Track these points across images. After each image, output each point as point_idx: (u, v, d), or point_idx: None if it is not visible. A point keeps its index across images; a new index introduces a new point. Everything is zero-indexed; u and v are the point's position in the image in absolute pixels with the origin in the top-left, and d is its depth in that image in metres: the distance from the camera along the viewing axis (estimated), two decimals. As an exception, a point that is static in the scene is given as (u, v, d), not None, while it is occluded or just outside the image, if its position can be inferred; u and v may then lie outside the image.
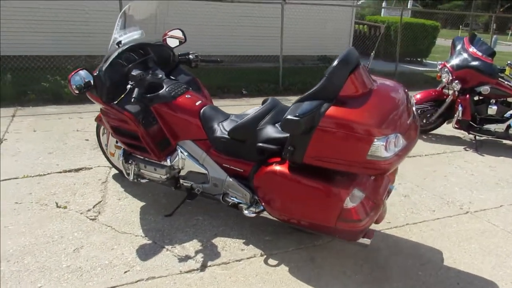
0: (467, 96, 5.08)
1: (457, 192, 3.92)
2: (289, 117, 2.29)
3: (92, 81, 2.85)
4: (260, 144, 2.63)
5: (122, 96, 2.81)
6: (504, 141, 5.39)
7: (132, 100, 2.73)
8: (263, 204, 2.69)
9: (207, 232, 3.04)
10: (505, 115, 5.06)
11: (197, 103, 3.05)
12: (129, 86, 2.85)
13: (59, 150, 4.42)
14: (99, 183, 3.70)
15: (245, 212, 2.75)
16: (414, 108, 2.63)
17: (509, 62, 5.21)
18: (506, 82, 5.02)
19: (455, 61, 5.16)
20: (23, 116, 5.59)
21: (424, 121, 5.51)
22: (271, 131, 2.68)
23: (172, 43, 3.48)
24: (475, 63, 5.01)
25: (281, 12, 7.58)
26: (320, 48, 9.61)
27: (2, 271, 2.51)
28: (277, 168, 2.54)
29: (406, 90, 2.59)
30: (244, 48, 8.76)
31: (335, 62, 2.34)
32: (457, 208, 3.61)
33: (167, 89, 3.04)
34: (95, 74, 2.89)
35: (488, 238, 3.16)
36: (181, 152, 3.06)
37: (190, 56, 3.35)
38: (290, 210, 2.59)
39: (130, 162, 3.17)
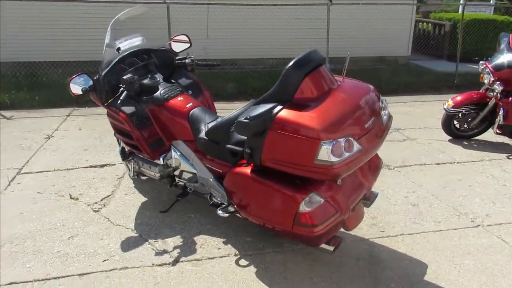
0: (510, 99, 4.63)
1: (476, 204, 3.62)
2: (240, 119, 2.33)
3: (91, 85, 3.11)
4: (229, 146, 2.70)
5: (113, 98, 3.04)
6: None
7: (119, 102, 2.95)
8: (234, 205, 2.75)
9: (193, 229, 3.17)
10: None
11: (188, 105, 3.19)
12: (121, 89, 3.07)
13: (94, 147, 4.84)
14: (115, 178, 4.00)
15: (218, 212, 2.82)
16: (385, 112, 2.52)
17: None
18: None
19: (497, 60, 4.74)
20: (76, 115, 6.17)
21: (465, 126, 5.13)
22: None
23: (178, 47, 3.66)
24: (518, 63, 4.56)
25: (327, 14, 7.48)
26: (376, 49, 9.27)
27: (3, 252, 2.86)
28: (241, 169, 2.59)
29: (376, 93, 2.49)
30: (287, 51, 8.76)
31: (289, 64, 2.33)
32: (468, 220, 3.34)
33: (161, 92, 3.22)
34: (95, 78, 3.16)
35: (489, 255, 2.90)
36: (174, 151, 3.22)
37: (187, 60, 3.49)
38: (254, 212, 2.62)
39: (129, 159, 3.41)
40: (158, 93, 3.22)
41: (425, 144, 5.05)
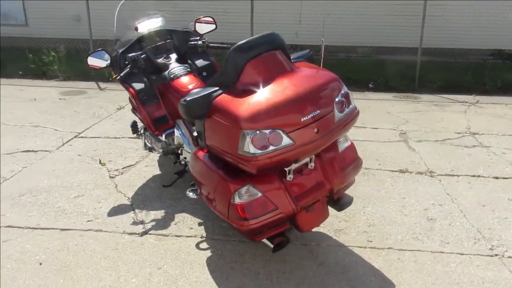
0: None
1: (511, 231, 3.00)
2: (180, 101, 2.31)
3: (109, 61, 3.37)
4: (193, 128, 2.70)
5: (120, 73, 3.25)
6: None
7: (118, 77, 3.15)
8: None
9: (180, 206, 3.26)
10: None
11: (191, 85, 3.24)
12: (128, 66, 3.27)
13: (150, 121, 5.22)
14: (147, 151, 4.29)
15: (187, 192, 2.85)
16: (343, 107, 2.24)
17: None
18: None
19: None
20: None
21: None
22: None
23: (202, 29, 3.72)
24: None
25: (423, -1, 6.75)
26: (491, 40, 8.04)
27: (22, 200, 3.33)
28: (198, 153, 2.56)
29: (336, 86, 2.23)
30: (381, 39, 8.12)
31: (232, 47, 2.22)
32: (486, 247, 2.79)
33: (169, 71, 3.34)
34: (113, 55, 3.42)
35: (483, 291, 2.40)
36: (176, 130, 3.34)
37: (199, 42, 3.53)
38: (205, 198, 2.58)
39: (140, 133, 3.62)
40: (166, 72, 3.34)
41: (496, 154, 4.29)
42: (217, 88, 2.27)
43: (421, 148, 4.43)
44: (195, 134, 2.42)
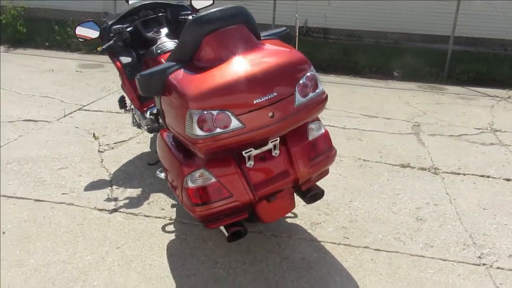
0: None
1: (508, 239, 2.71)
2: (136, 75, 2.18)
3: (98, 32, 3.30)
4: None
5: (105, 45, 3.16)
6: None
7: (100, 49, 3.07)
8: None
9: (159, 186, 3.17)
10: None
11: None
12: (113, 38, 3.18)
13: (156, 97, 5.16)
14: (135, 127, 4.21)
15: (157, 172, 2.75)
16: (307, 91, 2.04)
17: None
18: None
19: None
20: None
21: None
22: None
23: (198, 4, 3.57)
24: None
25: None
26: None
27: (10, 168, 3.36)
28: (162, 132, 2.45)
29: (300, 67, 2.03)
30: (412, 25, 7.63)
31: (189, 20, 2.06)
32: (474, 255, 2.54)
33: (157, 46, 3.22)
34: (102, 27, 3.33)
35: (457, 304, 2.17)
36: (161, 107, 3.23)
37: (189, 17, 3.37)
38: (167, 179, 2.46)
39: (127, 109, 3.55)
40: (154, 46, 3.23)
41: (515, 154, 3.93)
42: (174, 63, 2.12)
43: (432, 143, 4.12)
44: (154, 111, 2.30)
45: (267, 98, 1.93)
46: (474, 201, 3.11)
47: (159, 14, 3.42)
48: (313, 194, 2.37)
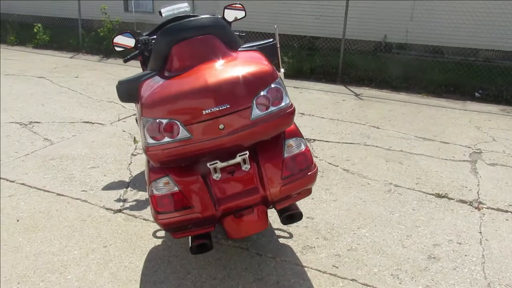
0: None
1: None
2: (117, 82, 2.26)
3: (134, 42, 3.50)
4: None
5: (131, 55, 3.34)
6: None
7: (124, 60, 3.24)
8: None
9: (170, 192, 3.23)
10: None
11: None
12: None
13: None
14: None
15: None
16: (269, 104, 1.92)
17: None
18: None
19: None
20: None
21: None
22: None
23: (230, 16, 3.60)
24: None
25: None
26: None
27: (51, 164, 3.71)
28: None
29: (267, 80, 1.92)
30: (507, 42, 6.78)
31: (160, 30, 2.09)
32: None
33: None
34: (137, 38, 3.53)
35: None
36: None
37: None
38: None
39: None
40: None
41: None
42: (150, 72, 2.16)
43: (487, 173, 3.60)
44: (136, 118, 2.36)
45: (217, 109, 1.86)
46: (511, 245, 2.63)
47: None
48: (289, 215, 2.21)
